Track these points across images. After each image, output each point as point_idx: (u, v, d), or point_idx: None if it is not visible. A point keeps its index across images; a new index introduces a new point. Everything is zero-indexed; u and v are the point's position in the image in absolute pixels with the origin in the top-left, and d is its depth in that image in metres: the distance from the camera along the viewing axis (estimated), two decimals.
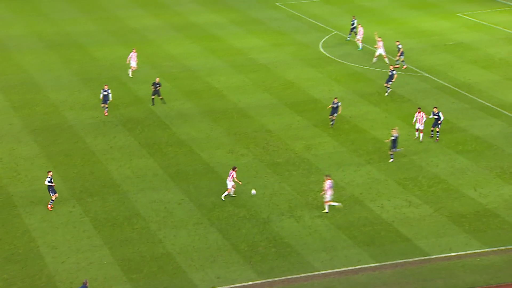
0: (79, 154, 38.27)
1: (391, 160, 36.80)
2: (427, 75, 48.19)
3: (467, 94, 45.28)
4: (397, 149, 36.92)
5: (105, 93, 42.62)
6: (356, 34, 54.48)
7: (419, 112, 38.42)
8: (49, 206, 32.88)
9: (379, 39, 50.74)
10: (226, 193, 33.65)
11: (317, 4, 66.93)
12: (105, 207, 33.23)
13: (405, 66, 47.91)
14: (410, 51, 53.20)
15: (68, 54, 53.99)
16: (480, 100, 44.38)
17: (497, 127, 40.43)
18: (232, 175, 33.46)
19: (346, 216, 32.27)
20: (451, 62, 51.01)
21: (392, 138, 36.84)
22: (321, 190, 34.02)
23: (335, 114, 40.41)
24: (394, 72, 44.92)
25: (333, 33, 58.22)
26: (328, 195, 32.27)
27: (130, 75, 49.08)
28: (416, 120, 38.52)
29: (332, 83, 47.92)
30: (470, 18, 61.51)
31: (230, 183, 33.55)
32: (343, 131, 40.58)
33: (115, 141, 39.79)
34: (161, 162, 37.40)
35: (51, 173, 33.01)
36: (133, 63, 49.03)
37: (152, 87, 43.97)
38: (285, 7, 66.45)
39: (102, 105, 42.84)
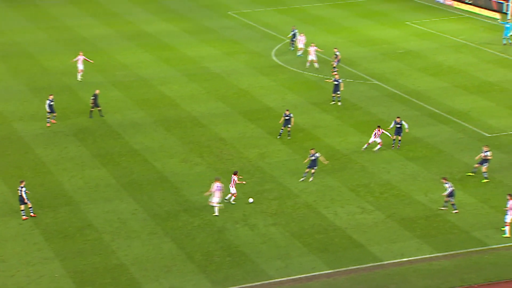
0: (29, 165, 37.58)
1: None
2: (378, 82, 48.87)
3: (417, 101, 46.07)
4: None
5: (51, 103, 41.97)
6: (296, 43, 54.93)
7: (378, 130, 38.53)
8: (23, 216, 32.30)
9: (312, 44, 51.66)
10: (232, 197, 33.58)
11: (270, 13, 67.30)
12: (57, 218, 32.67)
13: (335, 73, 48.12)
14: (361, 60, 53.87)
15: (16, 64, 53.04)
16: (429, 107, 45.19)
17: (446, 134, 41.21)
18: (234, 180, 33.33)
19: (301, 223, 32.41)
20: (401, 70, 51.86)
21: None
22: (275, 198, 34.12)
23: (288, 126, 40.44)
24: (339, 80, 45.45)
25: (286, 41, 58.59)
26: (216, 197, 32.31)
27: (79, 79, 48.56)
28: (373, 136, 38.47)
29: (285, 91, 48.18)
30: (418, 27, 62.68)
31: (232, 189, 33.45)
32: (296, 139, 40.80)
33: (67, 151, 39.20)
34: (114, 172, 36.98)
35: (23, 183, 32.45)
36: (81, 66, 48.58)
37: (92, 99, 43.47)
38: (237, 16, 66.62)
39: (48, 115, 42.14)
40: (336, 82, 45.15)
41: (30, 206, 32.49)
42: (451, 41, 58.27)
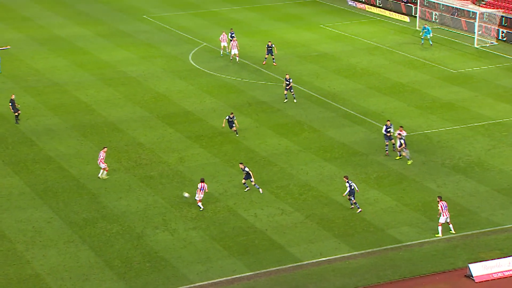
0: None
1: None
2: (295, 85, 49.37)
3: (332, 103, 46.86)
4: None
5: None
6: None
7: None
8: None
9: (234, 39, 53.72)
10: (199, 203, 33.16)
11: (186, 17, 66.97)
12: None
13: (264, 62, 50.34)
14: (277, 62, 54.34)
15: None
16: (344, 108, 46.05)
17: (361, 134, 42.09)
18: (203, 187, 32.92)
19: (221, 226, 32.32)
20: (316, 72, 52.62)
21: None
22: (195, 202, 33.95)
23: (233, 127, 40.65)
24: (290, 79, 46.02)
25: (202, 45, 58.46)
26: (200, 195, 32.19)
27: None
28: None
29: (203, 95, 48.02)
30: (332, 30, 63.83)
31: (199, 195, 33.00)
32: (215, 142, 40.72)
33: None
34: (28, 180, 35.83)
35: None
36: None
37: (10, 105, 42.13)
38: (153, 20, 65.96)
39: None
40: (287, 81, 45.81)
41: None
42: (363, 43, 59.61)
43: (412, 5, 67.53)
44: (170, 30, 62.80)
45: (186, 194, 33.67)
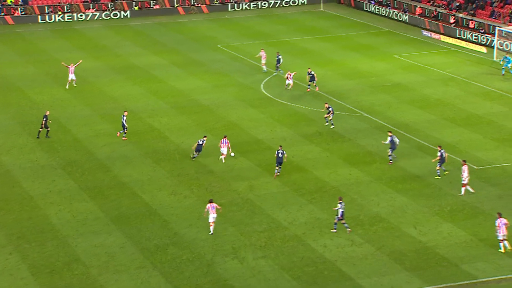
0: (17, 199, 37.43)
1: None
2: (366, 115, 49.25)
3: (405, 134, 46.43)
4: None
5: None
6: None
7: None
8: None
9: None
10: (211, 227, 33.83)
11: (259, 46, 67.87)
12: (44, 253, 32.47)
13: (308, 90, 52.12)
14: (350, 92, 54.34)
15: (4, 97, 53.13)
16: (417, 139, 45.54)
17: (434, 166, 41.46)
18: (215, 207, 33.61)
19: (290, 256, 32.38)
20: (389, 102, 52.31)
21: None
22: (264, 230, 34.14)
23: (280, 164, 39.87)
24: (330, 108, 46.36)
25: (274, 74, 59.09)
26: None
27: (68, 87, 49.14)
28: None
29: (274, 124, 48.43)
30: (406, 60, 63.41)
31: (212, 216, 33.66)
32: (285, 171, 40.92)
33: (54, 185, 39.11)
34: (102, 205, 36.90)
35: None
36: (72, 75, 53.19)
37: (43, 120, 44.55)
38: (227, 49, 67.18)
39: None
40: (328, 108, 46.56)
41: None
42: (438, 74, 58.94)
43: (490, 36, 66.46)
44: (243, 59, 63.79)
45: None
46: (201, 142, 41.82)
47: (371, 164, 41.81)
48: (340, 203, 33.88)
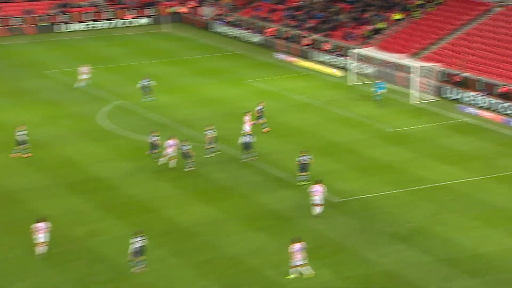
0: None
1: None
2: (222, 145, 49.61)
3: (264, 165, 47.23)
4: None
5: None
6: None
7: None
8: None
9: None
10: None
11: (96, 72, 66.83)
12: None
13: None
14: (201, 121, 54.66)
15: None
16: (273, 171, 46.41)
17: (295, 198, 42.38)
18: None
19: None
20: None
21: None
22: (107, 281, 33.29)
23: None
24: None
25: (115, 103, 58.34)
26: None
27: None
28: None
29: (116, 159, 47.64)
30: (259, 85, 64.94)
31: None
32: (131, 212, 40.26)
33: None
34: None
35: None
36: None
37: None
38: (56, 76, 65.54)
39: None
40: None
41: None
42: (294, 100, 60.77)
43: (345, 59, 69.69)
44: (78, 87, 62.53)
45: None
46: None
47: (226, 200, 42.12)
48: (137, 237, 33.71)
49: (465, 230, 38.53)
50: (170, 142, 46.29)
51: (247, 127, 50.48)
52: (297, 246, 33.78)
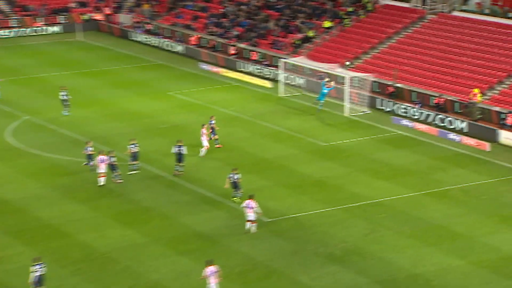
0: None
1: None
2: (141, 163, 48.82)
3: (189, 185, 46.68)
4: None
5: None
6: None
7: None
8: None
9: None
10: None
11: (1, 84, 65.19)
12: None
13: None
14: (120, 137, 53.74)
15: None
16: (201, 191, 45.93)
17: (221, 220, 41.94)
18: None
19: None
20: (165, 148, 52.30)
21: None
22: None
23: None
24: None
25: (24, 118, 56.99)
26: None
27: None
28: None
29: (25, 180, 46.50)
30: (183, 97, 64.41)
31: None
32: (42, 237, 39.12)
33: None
34: None
35: None
36: None
37: None
38: None
39: None
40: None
41: None
42: (221, 113, 60.43)
43: (274, 69, 69.81)
44: None
45: None
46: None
47: (148, 222, 41.40)
48: (35, 265, 32.88)
49: (401, 249, 38.74)
50: (103, 157, 45.32)
51: (204, 141, 50.59)
52: (209, 269, 33.28)
